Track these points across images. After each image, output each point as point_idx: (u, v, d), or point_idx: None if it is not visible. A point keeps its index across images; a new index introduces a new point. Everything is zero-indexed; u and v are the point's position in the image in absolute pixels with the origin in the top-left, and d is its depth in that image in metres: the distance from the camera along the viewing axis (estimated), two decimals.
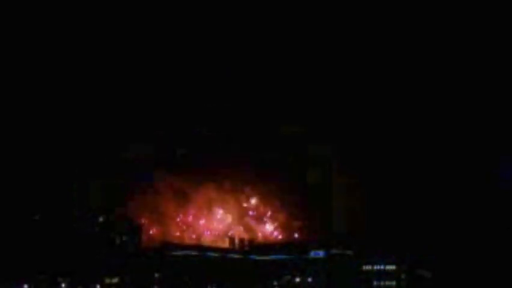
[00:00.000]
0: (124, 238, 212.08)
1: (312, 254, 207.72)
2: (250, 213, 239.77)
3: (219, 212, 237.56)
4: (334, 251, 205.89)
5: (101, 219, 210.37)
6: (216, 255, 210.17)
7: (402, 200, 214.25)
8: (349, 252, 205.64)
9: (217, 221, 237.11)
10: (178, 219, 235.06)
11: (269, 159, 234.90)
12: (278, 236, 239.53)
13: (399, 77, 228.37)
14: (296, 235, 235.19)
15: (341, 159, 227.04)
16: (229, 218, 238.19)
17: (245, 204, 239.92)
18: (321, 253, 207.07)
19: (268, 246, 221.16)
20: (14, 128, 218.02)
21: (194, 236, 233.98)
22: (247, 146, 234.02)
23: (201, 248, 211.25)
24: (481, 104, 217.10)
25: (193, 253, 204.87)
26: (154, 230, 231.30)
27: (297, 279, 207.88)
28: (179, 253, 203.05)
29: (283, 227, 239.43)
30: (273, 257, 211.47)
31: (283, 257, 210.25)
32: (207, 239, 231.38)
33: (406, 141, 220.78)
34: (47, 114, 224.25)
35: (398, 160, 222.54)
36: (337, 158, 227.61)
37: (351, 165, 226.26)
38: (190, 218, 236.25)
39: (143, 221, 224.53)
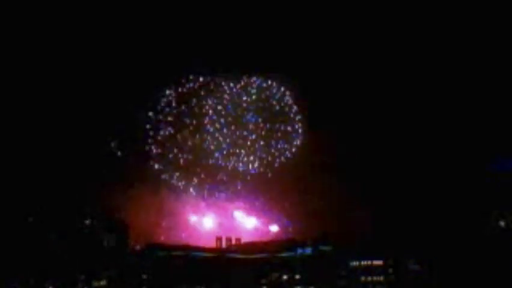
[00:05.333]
0: (111, 240, 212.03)
1: (299, 251, 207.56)
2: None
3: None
4: (321, 247, 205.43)
5: (88, 221, 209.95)
6: (203, 254, 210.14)
7: (388, 196, 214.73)
8: (336, 248, 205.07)
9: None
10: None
11: None
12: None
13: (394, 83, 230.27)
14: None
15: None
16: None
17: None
18: (308, 250, 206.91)
19: (255, 245, 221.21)
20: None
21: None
22: None
23: (187, 248, 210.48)
24: (469, 103, 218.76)
25: (180, 253, 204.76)
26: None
27: (285, 277, 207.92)
28: (166, 253, 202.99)
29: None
30: (260, 255, 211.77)
31: (271, 255, 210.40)
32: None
33: (395, 143, 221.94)
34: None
35: (387, 158, 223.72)
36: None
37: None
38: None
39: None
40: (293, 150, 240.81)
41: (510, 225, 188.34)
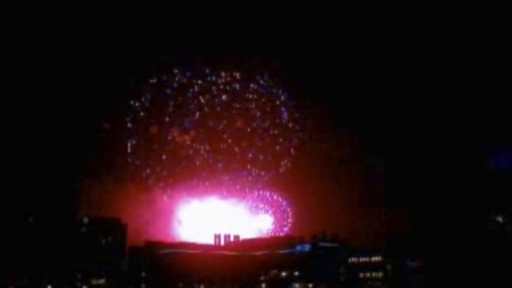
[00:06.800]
0: (110, 238, 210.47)
1: (298, 248, 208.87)
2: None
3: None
4: (320, 244, 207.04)
5: (86, 220, 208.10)
6: (202, 252, 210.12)
7: (388, 193, 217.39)
8: (335, 245, 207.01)
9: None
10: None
11: None
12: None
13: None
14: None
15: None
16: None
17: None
18: (306, 247, 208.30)
19: (254, 242, 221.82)
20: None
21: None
22: None
23: (186, 245, 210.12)
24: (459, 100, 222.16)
25: (179, 251, 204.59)
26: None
27: (284, 273, 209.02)
28: (165, 251, 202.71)
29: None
30: (259, 252, 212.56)
31: (270, 251, 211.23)
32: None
33: (394, 140, 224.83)
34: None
35: (386, 157, 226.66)
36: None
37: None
38: None
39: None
40: (287, 162, 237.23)
41: (509, 220, 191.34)
